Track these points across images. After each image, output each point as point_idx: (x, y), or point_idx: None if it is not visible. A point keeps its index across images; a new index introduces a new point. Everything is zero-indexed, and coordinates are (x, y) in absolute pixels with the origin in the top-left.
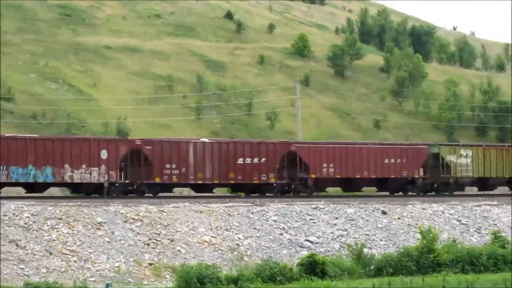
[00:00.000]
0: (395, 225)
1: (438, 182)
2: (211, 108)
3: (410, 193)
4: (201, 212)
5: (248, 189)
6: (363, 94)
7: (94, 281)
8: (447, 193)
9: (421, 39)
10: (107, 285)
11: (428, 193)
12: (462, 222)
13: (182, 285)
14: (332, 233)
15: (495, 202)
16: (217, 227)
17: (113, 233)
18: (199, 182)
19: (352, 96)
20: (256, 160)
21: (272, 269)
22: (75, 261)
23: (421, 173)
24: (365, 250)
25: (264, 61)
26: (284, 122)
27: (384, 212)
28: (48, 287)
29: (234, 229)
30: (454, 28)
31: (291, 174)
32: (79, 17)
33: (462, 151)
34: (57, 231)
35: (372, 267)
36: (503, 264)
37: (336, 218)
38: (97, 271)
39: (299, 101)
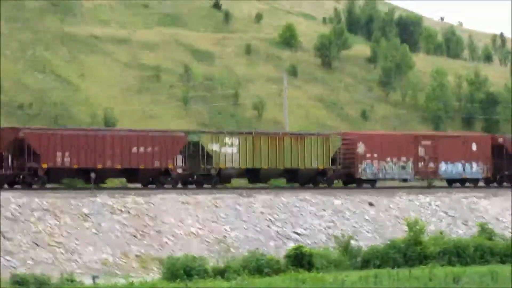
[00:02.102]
0: (382, 217)
1: (198, 174)
2: (197, 98)
3: (166, 186)
4: (188, 203)
5: None
6: (350, 85)
7: (81, 273)
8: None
9: (408, 29)
10: (94, 277)
11: (189, 185)
12: (449, 214)
13: (169, 277)
14: (319, 224)
15: (482, 194)
16: (204, 218)
17: (100, 224)
18: None
19: (339, 86)
20: None
21: (259, 261)
22: (62, 253)
23: (179, 164)
24: (352, 242)
25: (252, 51)
26: (271, 113)
27: (371, 204)
28: (35, 279)
29: (221, 220)
30: (442, 19)
31: (20, 164)
32: (66, 6)
33: (227, 139)
34: (44, 222)
35: (359, 259)
36: (490, 256)
37: (323, 210)
38: (84, 263)
39: (286, 92)
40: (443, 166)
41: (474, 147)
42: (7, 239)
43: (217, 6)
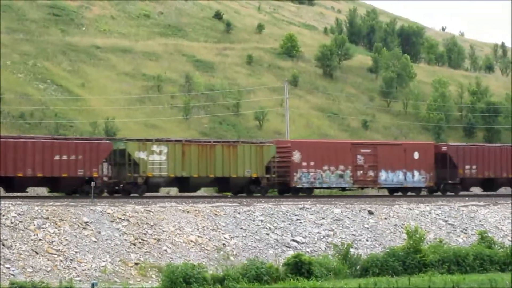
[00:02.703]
0: (381, 225)
1: (124, 182)
2: (199, 108)
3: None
4: (188, 212)
5: None
6: (351, 95)
7: (80, 280)
8: (137, 195)
9: (410, 39)
10: (93, 284)
11: (116, 194)
12: (449, 223)
13: (168, 285)
14: (318, 233)
15: (482, 203)
16: (203, 227)
17: (99, 232)
18: None
19: (341, 96)
20: None
21: (258, 269)
22: (61, 261)
23: (105, 172)
24: (352, 250)
25: (253, 61)
26: (273, 122)
27: (370, 212)
28: (34, 286)
29: (221, 229)
30: (443, 29)
31: None
32: (68, 17)
33: (155, 147)
34: (43, 230)
35: (358, 267)
36: (489, 265)
37: (323, 218)
38: (83, 270)
39: (288, 101)
40: (383, 175)
41: (416, 155)
42: (7, 247)
43: (218, 16)
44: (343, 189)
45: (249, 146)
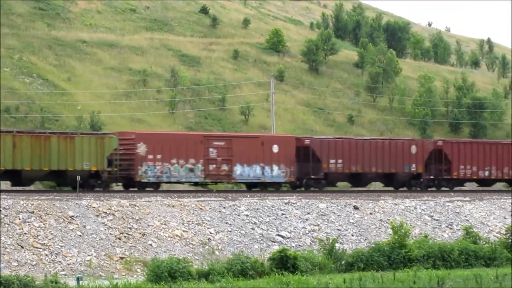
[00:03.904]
0: (366, 220)
1: None
2: (185, 102)
3: None
4: (173, 206)
5: None
6: (337, 90)
7: (65, 274)
8: None
9: (396, 34)
10: (78, 278)
11: None
12: (434, 218)
13: (153, 279)
14: (303, 228)
15: (467, 198)
16: (188, 221)
17: (84, 227)
18: None
19: (327, 91)
20: None
21: (243, 263)
22: (47, 255)
23: None
24: (337, 245)
25: (239, 56)
26: (258, 117)
27: (356, 207)
28: (19, 280)
29: (206, 223)
30: (429, 24)
31: None
32: (54, 11)
33: None
34: (28, 224)
35: (343, 262)
36: (474, 260)
37: (308, 213)
38: (68, 264)
39: (273, 96)
40: (238, 169)
41: (275, 148)
42: None
43: (204, 11)
44: (195, 184)
45: (88, 138)
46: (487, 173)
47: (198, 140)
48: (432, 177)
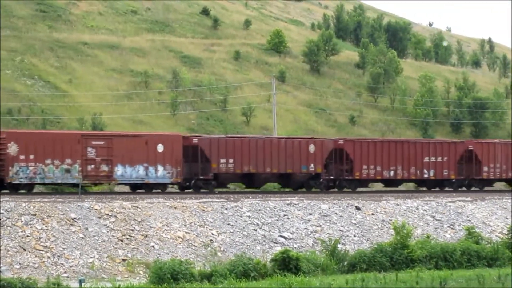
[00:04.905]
0: (369, 221)
1: None
2: (186, 104)
3: None
4: (175, 208)
5: None
6: (339, 90)
7: (68, 277)
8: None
9: (397, 35)
10: (80, 281)
11: None
12: (436, 218)
13: (156, 281)
14: (306, 228)
15: (469, 198)
16: (191, 223)
17: (87, 229)
18: None
19: (328, 92)
20: None
21: (245, 265)
22: (49, 257)
23: None
24: (339, 246)
25: (240, 57)
26: (260, 118)
27: (358, 208)
28: (22, 283)
29: (208, 225)
30: (430, 24)
31: None
32: (55, 13)
33: None
34: (31, 227)
35: (345, 263)
36: (476, 260)
37: (310, 214)
38: (70, 267)
39: (275, 97)
40: (119, 170)
41: (160, 148)
42: None
43: (206, 12)
44: (74, 185)
45: None
46: (392, 173)
47: (74, 139)
48: (332, 177)
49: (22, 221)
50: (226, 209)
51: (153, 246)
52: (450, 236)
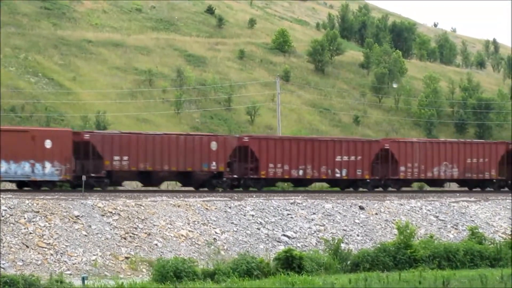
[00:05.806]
0: (372, 221)
1: None
2: (190, 102)
3: None
4: (179, 206)
5: None
6: (343, 90)
7: (70, 274)
8: None
9: (402, 35)
10: (83, 278)
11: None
12: (440, 218)
13: (159, 279)
14: (309, 228)
15: (472, 199)
16: (194, 221)
17: (90, 226)
18: None
19: (332, 92)
20: None
21: (248, 263)
22: (52, 254)
23: None
24: (342, 245)
25: (245, 56)
26: (264, 117)
27: (361, 208)
28: (24, 280)
29: (211, 223)
30: (435, 25)
31: None
32: (59, 11)
33: None
34: (34, 224)
35: (349, 262)
36: (479, 260)
37: (314, 213)
38: (73, 264)
39: (279, 96)
40: (3, 166)
41: (48, 144)
42: None
43: (210, 11)
44: None
45: None
46: (301, 172)
47: None
48: (236, 176)
49: (25, 218)
50: (230, 207)
51: (156, 244)
52: (453, 236)
